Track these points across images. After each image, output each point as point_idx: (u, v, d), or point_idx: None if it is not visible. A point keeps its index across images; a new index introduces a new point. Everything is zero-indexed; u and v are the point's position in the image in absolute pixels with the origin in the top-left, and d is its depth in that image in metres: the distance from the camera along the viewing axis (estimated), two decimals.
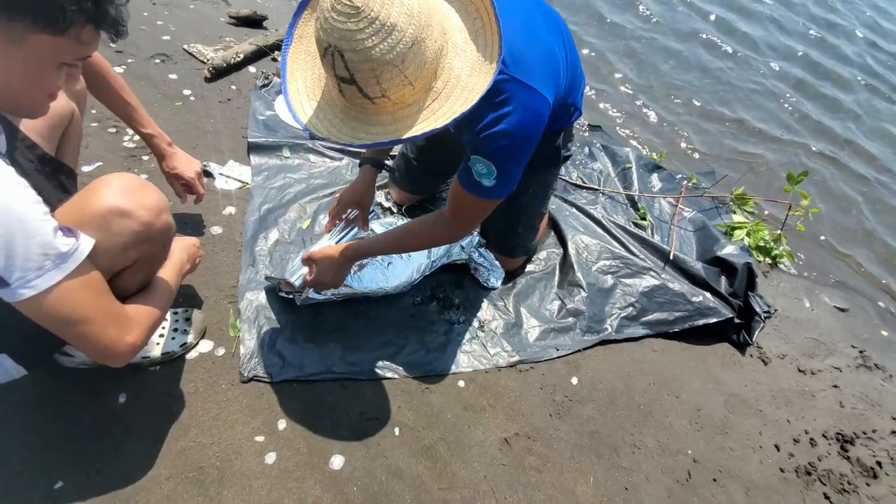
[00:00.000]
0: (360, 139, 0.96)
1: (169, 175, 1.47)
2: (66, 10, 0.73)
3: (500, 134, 1.08)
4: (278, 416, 1.27)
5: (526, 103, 1.07)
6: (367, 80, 0.89)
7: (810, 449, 1.54)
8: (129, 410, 1.21)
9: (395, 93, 0.92)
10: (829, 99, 3.37)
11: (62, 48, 0.77)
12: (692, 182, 2.35)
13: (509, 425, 1.37)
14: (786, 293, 2.03)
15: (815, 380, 1.74)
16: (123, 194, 0.92)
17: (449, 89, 0.96)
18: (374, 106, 0.94)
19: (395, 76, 0.89)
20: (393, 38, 0.85)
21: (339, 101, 0.97)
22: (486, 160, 1.12)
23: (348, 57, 0.86)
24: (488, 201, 1.21)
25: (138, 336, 0.94)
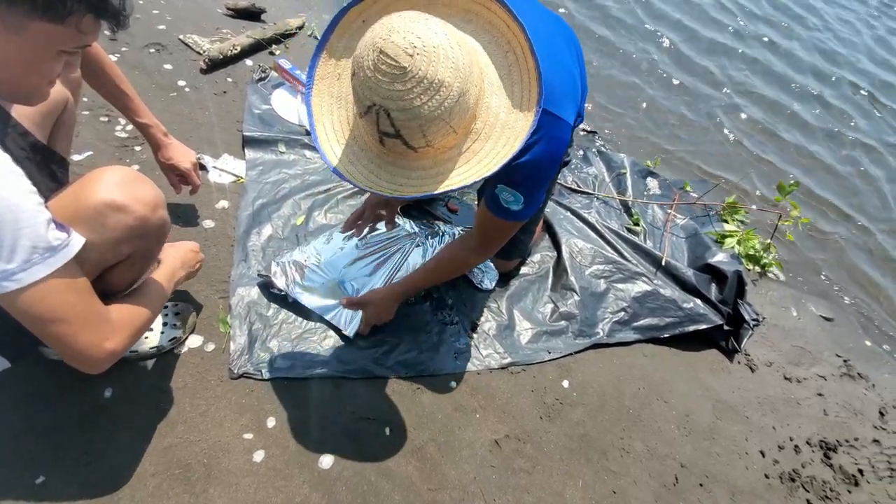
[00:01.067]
0: (401, 188, 0.93)
1: (164, 165, 1.45)
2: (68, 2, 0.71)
3: (527, 164, 1.08)
4: (267, 413, 1.26)
5: (552, 133, 1.08)
6: (413, 135, 0.87)
7: (794, 456, 1.56)
8: (116, 405, 1.20)
9: (439, 142, 0.91)
10: (828, 111, 3.42)
11: (61, 36, 0.75)
12: (685, 190, 2.37)
13: (500, 427, 1.37)
14: (774, 301, 2.05)
15: (800, 388, 1.76)
16: (119, 188, 0.91)
17: (489, 129, 0.94)
18: (415, 154, 0.92)
19: (442, 128, 0.88)
20: (441, 94, 0.83)
21: (376, 147, 0.95)
22: (514, 189, 1.14)
23: (395, 116, 0.84)
24: (516, 223, 1.25)
25: (119, 342, 0.89)
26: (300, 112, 2.04)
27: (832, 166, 2.98)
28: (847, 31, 4.52)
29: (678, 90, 3.20)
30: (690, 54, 3.53)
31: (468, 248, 1.37)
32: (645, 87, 3.12)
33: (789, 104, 3.37)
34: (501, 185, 1.15)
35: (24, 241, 0.73)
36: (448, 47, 0.82)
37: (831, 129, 3.27)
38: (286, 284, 1.47)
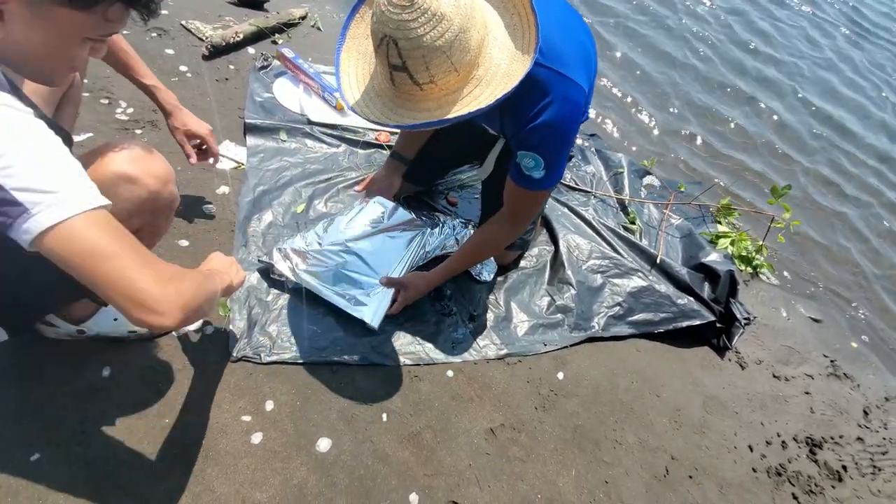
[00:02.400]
0: (407, 121, 1.04)
1: (178, 132, 1.39)
2: None
3: (543, 125, 1.14)
4: (266, 396, 1.26)
5: (564, 94, 1.13)
6: (417, 67, 0.96)
7: (781, 451, 1.59)
8: (113, 384, 1.19)
9: (441, 79, 0.98)
10: (823, 116, 3.47)
11: (87, 24, 0.74)
12: (681, 190, 2.40)
13: (495, 416, 1.39)
14: (764, 302, 2.09)
15: (788, 386, 1.80)
16: (132, 161, 0.91)
17: (490, 77, 1.02)
18: (421, 93, 1.01)
19: (443, 63, 0.96)
20: (442, 26, 0.92)
21: (389, 91, 1.05)
22: (533, 153, 1.18)
23: (402, 45, 0.93)
24: (541, 193, 1.30)
25: (185, 290, 0.76)
26: (302, 101, 2.04)
27: (823, 169, 3.03)
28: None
29: (678, 90, 3.24)
30: (692, 56, 3.57)
31: (501, 226, 1.42)
32: (644, 86, 3.15)
33: (784, 107, 3.42)
34: (522, 151, 1.20)
35: (73, 171, 0.71)
36: None
37: (830, 136, 3.32)
38: (290, 270, 1.46)
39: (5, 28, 0.70)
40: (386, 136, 2.03)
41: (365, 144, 1.99)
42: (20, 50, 0.74)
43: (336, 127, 2.00)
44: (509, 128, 1.25)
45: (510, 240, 1.52)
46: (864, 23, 5.09)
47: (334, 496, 1.15)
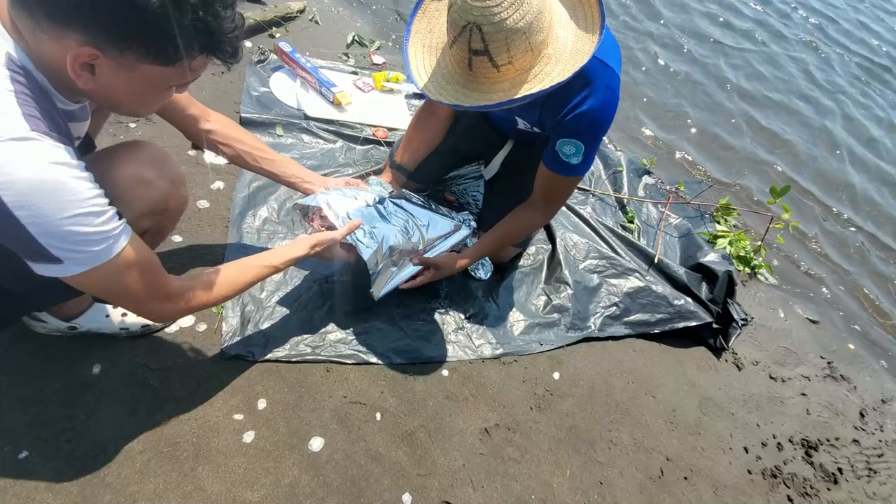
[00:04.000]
0: (483, 101, 1.08)
1: None
2: (179, 45, 0.72)
3: (587, 113, 1.19)
4: (259, 395, 1.25)
5: (606, 82, 1.18)
6: (498, 49, 1.01)
7: (777, 453, 1.58)
8: (104, 381, 1.18)
9: (518, 59, 1.04)
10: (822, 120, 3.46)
11: (172, 75, 0.77)
12: (680, 190, 2.39)
13: (490, 416, 1.38)
14: (762, 303, 2.08)
15: (784, 387, 1.79)
16: (147, 164, 0.93)
17: (558, 55, 1.08)
18: (498, 74, 1.06)
19: (522, 43, 1.01)
20: (524, 9, 0.98)
21: (462, 76, 1.10)
22: (575, 140, 1.24)
23: (486, 30, 0.98)
24: (575, 178, 1.35)
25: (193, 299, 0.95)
26: (299, 96, 2.02)
27: (827, 170, 3.02)
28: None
29: (676, 88, 3.22)
30: (693, 51, 3.55)
31: (533, 211, 1.45)
32: (644, 85, 3.13)
33: (792, 106, 3.40)
34: (563, 139, 1.25)
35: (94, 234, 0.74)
36: None
37: (833, 135, 3.31)
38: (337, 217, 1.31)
39: (95, 80, 0.73)
40: (384, 132, 2.02)
41: (363, 140, 1.97)
42: (108, 95, 0.78)
43: (333, 122, 1.98)
44: (549, 117, 1.28)
45: (542, 224, 1.54)
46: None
47: (326, 496, 1.14)
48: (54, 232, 0.70)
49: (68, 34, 0.68)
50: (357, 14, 2.72)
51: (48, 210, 0.68)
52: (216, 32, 0.74)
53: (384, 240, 1.34)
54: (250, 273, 1.07)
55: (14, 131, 0.66)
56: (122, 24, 0.68)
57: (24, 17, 0.68)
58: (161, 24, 0.69)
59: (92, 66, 0.71)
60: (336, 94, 2.00)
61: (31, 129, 0.67)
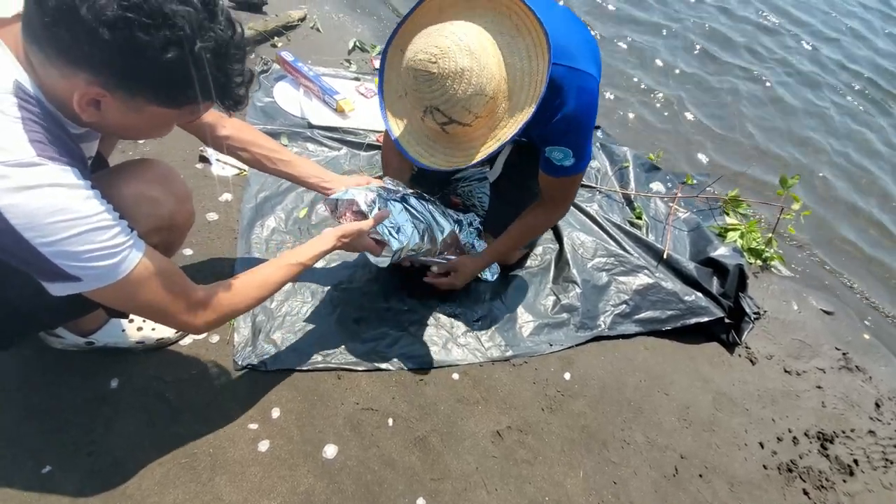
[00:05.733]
0: (475, 158, 1.14)
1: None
2: (188, 95, 0.74)
3: (564, 119, 1.22)
4: (272, 404, 1.27)
5: (579, 85, 1.19)
6: (462, 115, 1.08)
7: (792, 447, 1.57)
8: (121, 394, 1.21)
9: (483, 112, 1.10)
10: (827, 109, 3.41)
11: (177, 116, 0.80)
12: (688, 183, 2.37)
13: (502, 418, 1.39)
14: (775, 295, 2.06)
15: (799, 380, 1.78)
16: (153, 182, 0.94)
17: (520, 83, 1.12)
18: (471, 129, 1.13)
19: (480, 100, 1.07)
20: (466, 77, 1.03)
21: (443, 137, 1.17)
22: (560, 146, 1.27)
23: (443, 108, 1.06)
24: (576, 177, 1.37)
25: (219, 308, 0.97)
26: (302, 104, 2.04)
27: (835, 159, 2.98)
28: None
29: (679, 80, 3.19)
30: (699, 42, 3.52)
31: (544, 212, 1.49)
32: (645, 79, 3.11)
33: (797, 94, 3.36)
34: (549, 147, 1.28)
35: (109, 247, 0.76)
36: (458, 41, 1.02)
37: (845, 123, 3.26)
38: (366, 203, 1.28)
39: (100, 114, 0.75)
40: None
41: (366, 146, 1.98)
42: (111, 128, 0.80)
43: (337, 129, 2.00)
44: (534, 129, 1.28)
45: (555, 222, 1.58)
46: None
47: (342, 503, 1.15)
48: (65, 251, 0.71)
49: (78, 73, 0.69)
50: (358, 20, 2.73)
51: (55, 229, 0.70)
52: (225, 86, 0.76)
53: (412, 236, 1.33)
54: (280, 273, 1.09)
55: (20, 157, 0.68)
56: (133, 72, 0.70)
57: (36, 50, 0.70)
58: (173, 76, 0.71)
59: (98, 101, 0.73)
60: (339, 101, 2.02)
61: (36, 155, 0.69)
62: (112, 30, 0.65)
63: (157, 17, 0.66)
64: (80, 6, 0.63)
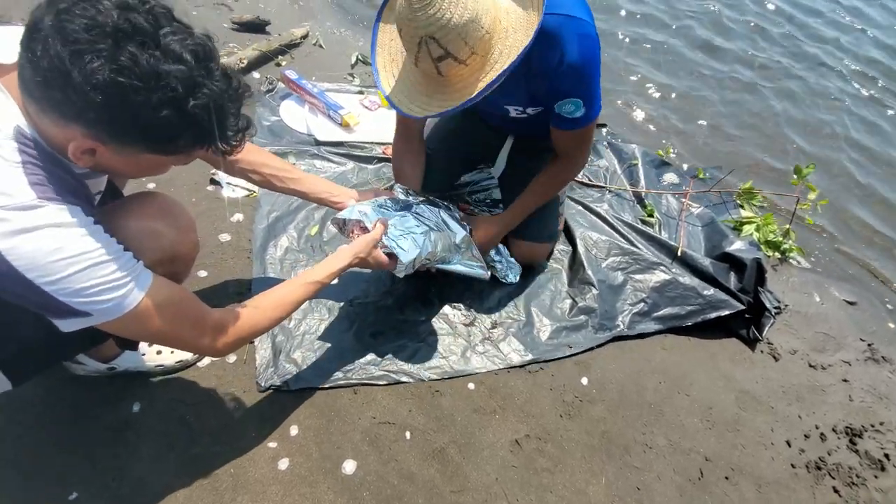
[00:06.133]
0: (464, 97, 1.12)
1: None
2: (177, 141, 0.75)
3: (570, 68, 1.21)
4: (290, 421, 1.28)
5: (577, 32, 1.19)
6: (458, 47, 1.06)
7: (820, 444, 1.53)
8: (144, 419, 1.23)
9: (479, 46, 1.08)
10: (832, 93, 3.33)
11: (172, 161, 0.81)
12: (700, 178, 2.34)
13: (520, 427, 1.38)
14: (795, 288, 2.02)
15: (825, 374, 1.73)
16: (155, 215, 0.96)
17: (515, 24, 1.12)
18: (466, 67, 1.11)
19: (476, 30, 1.05)
20: (463, 1, 1.02)
21: (437, 84, 1.16)
22: (570, 98, 1.26)
23: (439, 36, 1.03)
24: (588, 127, 1.36)
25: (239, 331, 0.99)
26: (308, 121, 2.06)
27: (849, 145, 2.91)
28: None
29: (683, 73, 3.15)
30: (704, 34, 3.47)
31: (563, 167, 1.49)
32: (654, 73, 3.08)
33: (805, 83, 3.29)
34: (559, 102, 1.28)
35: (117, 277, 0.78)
36: None
37: (858, 109, 3.19)
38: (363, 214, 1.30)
39: (96, 161, 0.76)
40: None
41: (373, 160, 1.99)
42: (107, 170, 0.84)
43: (343, 144, 2.02)
44: (540, 86, 1.29)
45: (576, 174, 1.58)
46: None
47: None
48: (69, 288, 0.72)
49: (72, 126, 0.70)
50: (359, 34, 2.75)
51: (56, 268, 0.71)
52: (221, 137, 0.77)
53: (424, 245, 1.32)
54: (298, 292, 1.10)
55: (21, 200, 0.69)
56: (126, 129, 0.71)
57: (31, 102, 0.71)
58: (166, 131, 0.72)
59: (93, 150, 0.74)
60: (344, 116, 2.04)
61: (36, 197, 0.70)
62: (104, 93, 0.65)
63: (150, 79, 0.66)
64: (71, 69, 0.64)
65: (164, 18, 0.70)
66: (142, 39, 0.66)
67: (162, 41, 0.68)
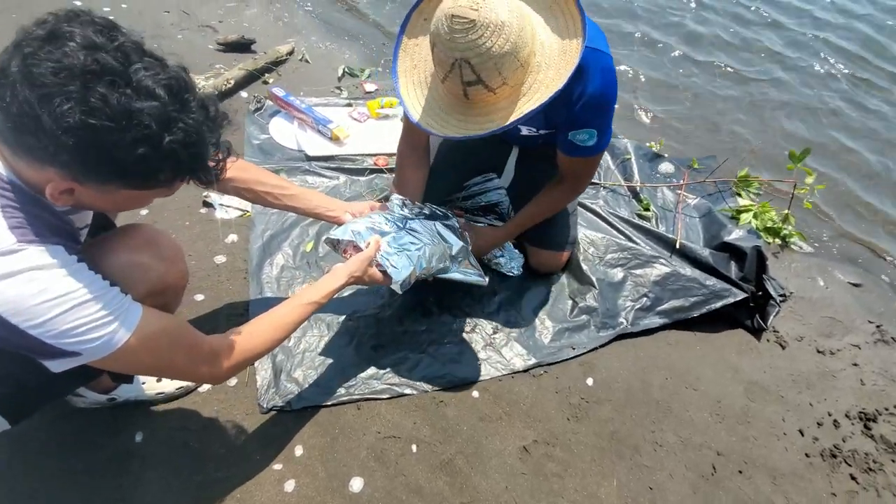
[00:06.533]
0: (488, 127, 1.11)
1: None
2: (156, 175, 0.73)
3: (592, 100, 1.22)
4: (295, 442, 1.27)
5: (601, 65, 1.20)
6: (491, 76, 1.04)
7: (834, 431, 1.51)
8: (147, 447, 1.22)
9: (511, 77, 1.07)
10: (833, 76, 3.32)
11: (151, 196, 0.81)
12: (694, 168, 2.32)
13: (527, 433, 1.36)
14: (798, 273, 2.00)
15: (834, 359, 1.71)
16: (140, 248, 0.95)
17: (549, 60, 1.10)
18: (494, 96, 1.10)
19: (511, 63, 1.04)
20: (506, 32, 1.01)
21: (460, 105, 1.14)
22: (586, 129, 1.28)
23: (474, 62, 1.02)
24: (598, 155, 1.39)
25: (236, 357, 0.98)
26: (298, 137, 2.06)
27: (844, 126, 2.89)
28: None
29: (673, 62, 3.14)
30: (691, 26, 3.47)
31: (567, 188, 1.50)
32: (639, 64, 3.07)
33: (796, 65, 3.28)
34: (573, 131, 1.29)
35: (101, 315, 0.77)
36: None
37: (849, 91, 3.17)
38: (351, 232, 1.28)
39: (75, 199, 0.74)
40: (384, 160, 2.03)
41: (365, 171, 1.99)
42: (90, 207, 0.83)
43: (334, 158, 2.01)
44: (557, 116, 1.30)
45: (573, 199, 1.63)
46: None
47: None
48: (55, 331, 0.71)
49: (47, 168, 0.69)
50: (345, 46, 2.76)
51: (40, 311, 0.70)
52: (201, 169, 0.76)
53: (418, 261, 1.30)
54: (294, 314, 1.09)
55: (0, 246, 0.68)
56: (101, 168, 0.70)
57: (4, 146, 0.70)
58: (142, 167, 0.70)
59: (72, 190, 0.72)
60: (333, 129, 2.03)
61: (16, 241, 0.69)
62: (76, 136, 0.64)
63: (122, 119, 0.65)
64: (41, 114, 0.63)
65: (134, 54, 0.68)
66: (111, 79, 0.65)
67: (133, 78, 0.67)
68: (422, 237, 1.35)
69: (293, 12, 2.95)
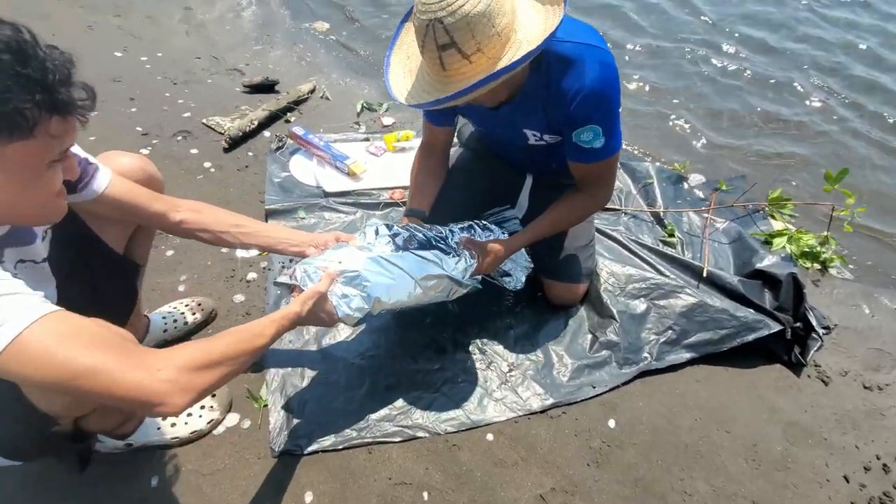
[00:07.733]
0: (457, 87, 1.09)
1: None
2: (22, 110, 0.71)
3: (589, 94, 1.20)
4: (305, 487, 1.25)
5: (598, 59, 1.19)
6: (464, 38, 1.04)
7: (883, 476, 1.38)
8: (161, 493, 1.23)
9: (487, 45, 1.06)
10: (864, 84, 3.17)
11: (40, 149, 0.76)
12: (722, 190, 2.23)
13: (544, 479, 1.30)
14: (841, 300, 1.87)
15: (882, 396, 1.58)
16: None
17: (530, 38, 1.09)
18: (470, 65, 1.09)
19: (486, 27, 1.04)
20: None
21: (439, 80, 1.14)
22: (588, 125, 1.25)
23: (446, 21, 1.02)
24: (610, 159, 1.33)
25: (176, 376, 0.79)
26: (316, 174, 2.10)
27: (876, 141, 2.73)
28: None
29: (692, 81, 3.07)
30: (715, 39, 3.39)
31: (582, 200, 1.44)
32: (656, 84, 3.01)
33: (828, 89, 3.14)
34: (576, 131, 1.26)
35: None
36: None
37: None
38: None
39: None
40: (400, 193, 2.04)
41: (380, 205, 2.00)
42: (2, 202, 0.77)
43: (351, 193, 2.04)
44: (555, 114, 1.28)
45: (594, 211, 1.54)
46: None
47: None
48: None
49: None
50: (364, 81, 2.82)
51: None
52: (43, 83, 0.72)
53: (387, 294, 1.24)
54: (242, 345, 0.96)
55: None
56: None
57: None
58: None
59: None
60: (350, 165, 2.07)
61: None
62: None
63: None
64: None
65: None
66: None
67: None
68: (390, 272, 1.26)
69: (315, 51, 3.05)
